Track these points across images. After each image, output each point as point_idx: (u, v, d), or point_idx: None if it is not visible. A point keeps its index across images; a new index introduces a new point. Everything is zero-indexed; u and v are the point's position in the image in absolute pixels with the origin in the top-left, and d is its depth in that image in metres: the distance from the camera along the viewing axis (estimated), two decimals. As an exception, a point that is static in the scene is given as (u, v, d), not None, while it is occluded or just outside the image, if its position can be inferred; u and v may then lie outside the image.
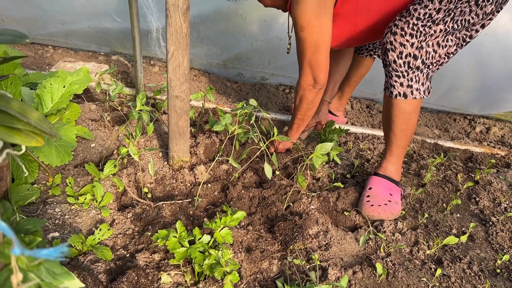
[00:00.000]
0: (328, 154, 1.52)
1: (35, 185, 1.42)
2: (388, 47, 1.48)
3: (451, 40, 1.45)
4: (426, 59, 1.46)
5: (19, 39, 0.82)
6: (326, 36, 1.52)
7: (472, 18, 1.40)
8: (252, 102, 1.82)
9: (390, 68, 1.50)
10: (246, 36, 2.54)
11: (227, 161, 1.76)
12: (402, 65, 1.47)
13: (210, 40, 2.58)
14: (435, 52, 1.45)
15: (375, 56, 2.13)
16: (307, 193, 1.64)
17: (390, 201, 1.59)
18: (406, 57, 1.45)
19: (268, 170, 1.51)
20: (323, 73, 1.60)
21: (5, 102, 0.81)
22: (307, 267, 1.30)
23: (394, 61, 1.47)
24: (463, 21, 1.40)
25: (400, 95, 1.53)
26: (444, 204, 1.76)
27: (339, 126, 2.11)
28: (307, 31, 1.50)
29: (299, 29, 1.50)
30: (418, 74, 1.49)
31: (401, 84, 1.51)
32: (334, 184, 1.71)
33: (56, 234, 1.25)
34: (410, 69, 1.47)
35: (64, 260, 1.14)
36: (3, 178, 0.92)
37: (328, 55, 1.58)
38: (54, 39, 2.67)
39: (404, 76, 1.49)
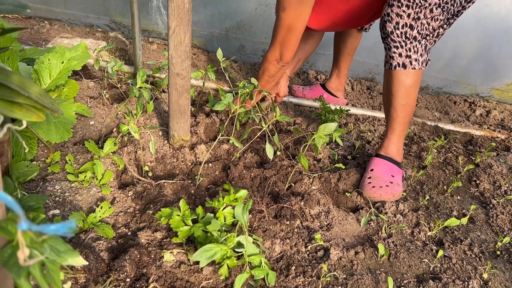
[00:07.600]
0: (329, 135, 1.51)
1: (34, 162, 1.40)
2: (385, 19, 1.54)
3: (443, 13, 1.50)
4: (421, 30, 1.51)
5: (20, 9, 0.79)
6: (302, 22, 1.63)
7: None
8: (253, 81, 1.79)
9: (389, 39, 1.56)
10: None
11: (228, 141, 1.74)
12: (399, 36, 1.53)
13: (213, 5, 2.55)
14: (429, 24, 1.51)
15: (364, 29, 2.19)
16: (309, 173, 1.63)
17: (391, 183, 1.59)
18: (402, 27, 1.51)
19: (269, 150, 1.50)
20: (290, 52, 1.73)
21: (4, 75, 0.78)
22: (309, 247, 1.30)
23: (392, 32, 1.53)
24: None
25: (399, 65, 1.57)
26: (445, 186, 1.76)
27: (340, 107, 2.09)
28: (287, 13, 1.60)
29: (280, 8, 1.61)
30: (416, 45, 1.54)
31: (400, 55, 1.56)
32: (335, 165, 1.70)
33: (57, 211, 1.24)
34: (407, 39, 1.53)
35: (72, 236, 1.13)
36: (4, 153, 0.90)
37: (299, 38, 1.70)
38: (52, 8, 2.60)
39: (402, 47, 1.54)
